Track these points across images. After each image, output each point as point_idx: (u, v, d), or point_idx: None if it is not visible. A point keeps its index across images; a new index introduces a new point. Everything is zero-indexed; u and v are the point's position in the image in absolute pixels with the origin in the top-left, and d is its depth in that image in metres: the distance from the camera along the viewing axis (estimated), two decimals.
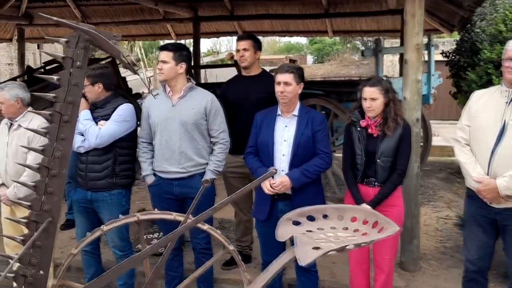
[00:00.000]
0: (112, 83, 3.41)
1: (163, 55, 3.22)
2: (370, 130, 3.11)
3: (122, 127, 3.27)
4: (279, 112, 3.20)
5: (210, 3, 8.18)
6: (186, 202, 3.36)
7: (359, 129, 3.14)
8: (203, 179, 1.96)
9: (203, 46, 20.61)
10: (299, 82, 3.13)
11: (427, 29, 8.28)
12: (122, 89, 6.80)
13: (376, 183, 3.09)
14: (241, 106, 3.68)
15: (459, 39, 7.03)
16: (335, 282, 3.74)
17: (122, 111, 3.29)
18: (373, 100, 3.05)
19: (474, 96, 3.04)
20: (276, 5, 8.01)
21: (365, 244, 1.64)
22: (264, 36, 9.37)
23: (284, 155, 3.14)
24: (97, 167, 3.30)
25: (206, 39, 9.57)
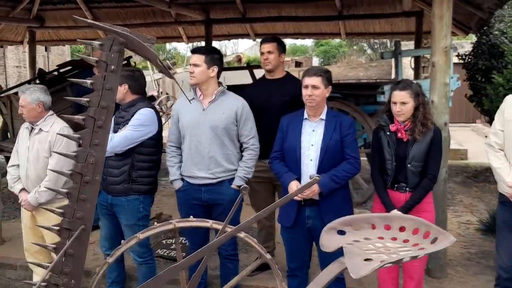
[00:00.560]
0: (139, 87, 3.36)
1: (194, 58, 3.16)
2: (399, 135, 3.05)
3: (139, 132, 3.19)
4: (305, 116, 3.14)
5: (223, 5, 8.13)
6: (214, 208, 3.31)
7: (388, 133, 3.08)
8: (242, 186, 1.89)
9: None
10: (327, 86, 3.07)
11: None
12: None
13: (407, 188, 3.02)
14: (264, 109, 3.62)
15: (476, 42, 6.97)
16: None
17: (140, 115, 3.22)
18: (403, 104, 2.98)
19: (507, 100, 2.97)
20: (289, 7, 7.95)
21: (421, 256, 1.58)
22: None
23: (311, 159, 3.08)
24: (115, 171, 3.25)
25: (217, 41, 9.49)
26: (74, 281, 2.11)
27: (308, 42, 34.35)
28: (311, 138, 3.09)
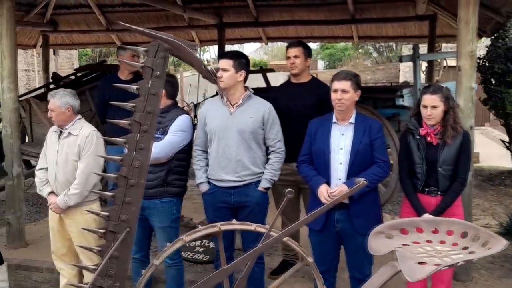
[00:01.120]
0: (174, 92, 3.42)
1: (223, 63, 3.20)
2: (429, 139, 3.07)
3: (180, 138, 3.26)
4: (334, 120, 3.16)
5: (235, 9, 8.17)
6: (240, 210, 3.34)
7: (417, 137, 3.10)
8: (288, 190, 1.92)
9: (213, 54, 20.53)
10: (356, 90, 3.10)
11: (455, 35, 8.24)
12: None
13: (438, 192, 3.04)
14: (290, 113, 3.64)
15: (491, 45, 6.98)
16: None
17: (180, 121, 3.29)
18: (434, 108, 3.01)
19: None
20: (301, 11, 7.97)
21: (475, 259, 1.60)
22: (288, 42, 9.31)
23: (340, 163, 3.10)
24: (151, 176, 3.27)
25: (229, 45, 9.51)
26: (118, 283, 2.14)
27: (313, 45, 34.33)
28: (340, 141, 3.12)
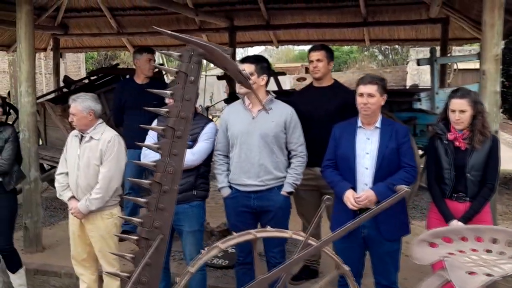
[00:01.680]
0: (196, 99, 3.41)
1: (245, 68, 3.17)
2: (457, 143, 3.03)
3: (211, 144, 3.35)
4: (359, 124, 3.13)
5: (247, 12, 8.17)
6: (263, 215, 3.32)
7: (445, 142, 3.06)
8: (326, 197, 1.88)
9: None
10: (382, 94, 3.06)
11: (467, 38, 8.21)
12: None
13: (466, 198, 3.00)
14: (312, 117, 3.61)
15: (505, 48, 6.93)
16: None
17: (210, 129, 3.36)
18: (462, 113, 2.97)
19: None
20: (313, 14, 7.96)
21: None
22: (298, 45, 9.31)
23: (367, 168, 3.06)
24: (180, 181, 3.28)
25: (240, 48, 9.52)
26: None
27: None
28: (366, 146, 3.08)
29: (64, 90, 7.14)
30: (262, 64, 3.25)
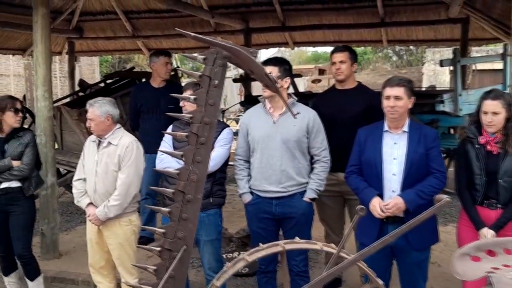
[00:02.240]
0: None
1: (268, 70, 3.08)
2: (489, 147, 2.90)
3: (228, 150, 3.25)
4: (386, 128, 3.01)
5: (262, 14, 8.09)
6: (285, 222, 3.23)
7: (477, 146, 2.93)
8: (359, 207, 1.78)
9: None
10: (410, 96, 2.94)
11: (487, 38, 8.02)
12: None
13: (498, 205, 2.86)
14: (335, 121, 3.50)
15: None
16: None
17: (226, 134, 3.26)
18: (495, 115, 2.83)
19: None
20: (330, 15, 7.85)
21: None
22: (314, 47, 9.20)
23: (394, 174, 2.94)
24: None
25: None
26: None
27: (329, 49, 34.13)
28: (393, 151, 2.96)
29: (80, 94, 7.11)
30: (284, 66, 3.16)
